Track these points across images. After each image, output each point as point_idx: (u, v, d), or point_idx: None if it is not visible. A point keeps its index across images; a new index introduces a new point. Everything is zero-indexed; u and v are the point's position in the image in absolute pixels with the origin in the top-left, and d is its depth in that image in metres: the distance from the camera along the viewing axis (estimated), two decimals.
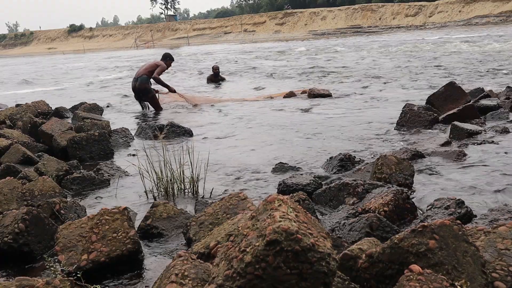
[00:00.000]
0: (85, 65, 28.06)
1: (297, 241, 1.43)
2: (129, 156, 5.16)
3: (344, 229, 2.51)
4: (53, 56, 51.30)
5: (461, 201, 2.71)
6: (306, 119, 6.85)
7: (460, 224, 1.70)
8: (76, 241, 2.39)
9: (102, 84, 15.06)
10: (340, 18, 63.03)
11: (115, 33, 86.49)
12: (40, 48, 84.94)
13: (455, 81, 6.72)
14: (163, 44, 65.21)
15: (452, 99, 6.18)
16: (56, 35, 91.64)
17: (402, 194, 2.84)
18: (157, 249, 2.72)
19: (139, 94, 8.43)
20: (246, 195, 2.83)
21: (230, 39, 63.00)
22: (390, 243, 1.71)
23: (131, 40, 73.23)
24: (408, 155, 4.12)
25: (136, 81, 8.31)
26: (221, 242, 2.17)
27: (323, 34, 54.58)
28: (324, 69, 14.73)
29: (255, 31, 67.36)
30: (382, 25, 56.78)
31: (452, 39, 25.43)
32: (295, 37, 54.65)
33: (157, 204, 3.02)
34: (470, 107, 5.70)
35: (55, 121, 5.90)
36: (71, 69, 24.59)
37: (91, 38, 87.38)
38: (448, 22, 51.61)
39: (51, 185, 3.53)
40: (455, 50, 18.05)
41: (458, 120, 5.27)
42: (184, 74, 17.03)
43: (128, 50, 57.41)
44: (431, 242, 1.64)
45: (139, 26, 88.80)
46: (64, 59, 39.71)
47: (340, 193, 3.19)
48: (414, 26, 52.94)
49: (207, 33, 73.15)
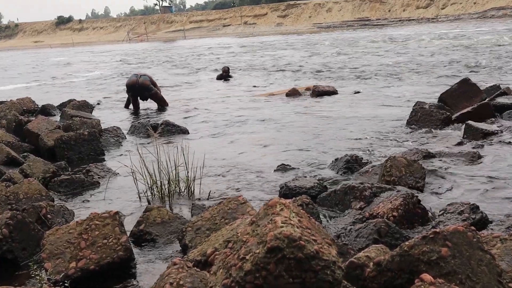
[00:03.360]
0: (70, 60, 28.10)
1: (300, 248, 1.43)
2: (121, 156, 5.16)
3: (350, 235, 2.51)
4: (39, 50, 51.34)
5: (475, 206, 2.71)
6: (310, 117, 6.85)
7: (474, 231, 1.70)
8: (63, 248, 2.39)
9: (92, 81, 15.07)
10: (347, 10, 63.05)
11: (106, 26, 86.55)
12: (26, 41, 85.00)
13: (469, 77, 6.72)
14: (158, 38, 65.24)
15: (466, 96, 6.17)
16: (43, 28, 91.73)
17: (413, 198, 2.84)
18: (150, 257, 2.72)
19: (140, 90, 8.48)
20: (245, 199, 2.83)
21: (229, 32, 63.04)
22: (399, 251, 1.70)
23: (123, 33, 73.27)
24: (419, 157, 4.12)
25: (139, 77, 8.40)
26: (218, 249, 2.17)
27: (329, 27, 54.59)
28: (327, 64, 14.75)
29: (255, 23, 67.39)
30: (392, 18, 56.80)
31: (466, 33, 25.44)
32: (298, 30, 54.66)
33: (150, 208, 3.02)
34: (485, 106, 5.70)
35: (42, 119, 5.90)
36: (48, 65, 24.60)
37: (81, 30, 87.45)
38: (462, 14, 51.63)
39: (37, 187, 3.53)
40: (469, 44, 18.06)
41: (472, 119, 5.26)
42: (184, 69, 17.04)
43: (121, 43, 57.43)
44: (444, 249, 1.64)
45: (132, 18, 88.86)
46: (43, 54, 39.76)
47: (346, 197, 3.19)
48: (426, 19, 52.95)
49: (204, 26, 73.20)
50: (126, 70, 17.71)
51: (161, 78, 14.18)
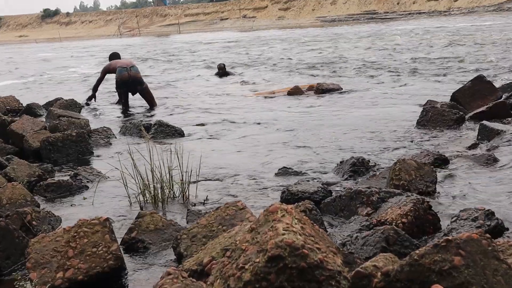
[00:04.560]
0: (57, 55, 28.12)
1: (303, 257, 1.43)
2: (111, 159, 5.16)
3: (356, 243, 2.51)
4: (24, 45, 51.37)
5: (490, 212, 2.71)
6: (313, 117, 6.85)
7: (489, 239, 1.70)
8: (50, 257, 2.39)
9: (80, 78, 15.07)
10: (353, 2, 63.07)
11: (96, 19, 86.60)
12: (9, 36, 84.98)
13: (483, 74, 6.72)
14: (151, 32, 65.27)
15: (480, 95, 6.18)
16: (27, 21, 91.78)
17: (423, 203, 2.84)
18: (143, 266, 2.72)
19: (133, 84, 8.25)
20: (244, 204, 2.84)
21: (227, 26, 63.08)
22: (409, 260, 1.70)
23: (114, 27, 73.29)
24: (430, 159, 4.12)
25: (129, 70, 8.18)
26: (216, 258, 2.17)
27: (333, 21, 54.64)
28: (331, 60, 14.76)
29: (255, 17, 67.42)
30: (401, 11, 56.83)
31: (480, 27, 25.47)
32: (301, 24, 54.72)
33: (143, 214, 3.02)
34: (501, 104, 5.70)
35: (27, 119, 5.90)
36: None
37: (68, 24, 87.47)
38: (476, 7, 51.64)
39: (22, 192, 3.53)
40: (484, 39, 18.08)
41: (487, 119, 5.27)
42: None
43: (111, 38, 57.48)
44: (456, 258, 1.64)
45: (123, 11, 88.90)
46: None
47: (352, 203, 3.19)
48: (437, 12, 52.98)
49: (200, 19, 73.24)
50: None
51: (154, 75, 14.21)
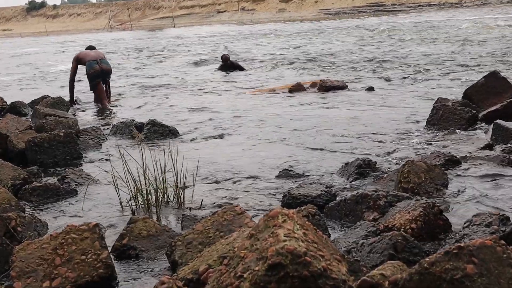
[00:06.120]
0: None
1: (306, 264, 1.43)
2: (101, 161, 5.16)
3: (362, 250, 2.51)
4: (8, 40, 51.40)
5: (505, 217, 2.71)
6: (317, 116, 6.85)
7: (504, 245, 1.70)
8: (36, 265, 2.39)
9: (67, 75, 15.05)
10: None
11: (85, 12, 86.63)
12: None
13: (498, 70, 6.73)
14: (143, 26, 65.31)
15: (494, 92, 6.18)
16: (12, 14, 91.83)
17: (433, 208, 2.84)
18: (135, 274, 2.72)
19: (103, 76, 8.69)
20: (243, 209, 2.84)
21: (225, 20, 63.12)
22: (418, 268, 1.71)
23: (104, 21, 73.31)
24: (440, 161, 4.12)
25: (100, 63, 8.58)
26: (213, 266, 2.17)
27: (337, 14, 54.70)
28: (335, 55, 14.78)
29: (254, 9, 67.45)
30: (409, 3, 56.89)
31: (494, 19, 25.51)
32: (303, 17, 54.76)
33: (135, 220, 3.02)
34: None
35: (11, 118, 5.89)
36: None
37: (55, 17, 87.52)
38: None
39: (6, 196, 3.53)
40: (499, 33, 18.10)
41: (502, 118, 5.26)
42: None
43: (101, 32, 57.49)
44: (469, 266, 1.64)
45: (114, 4, 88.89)
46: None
47: (358, 207, 3.19)
48: (449, 4, 53.08)
49: (196, 12, 73.28)
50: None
51: (148, 71, 14.22)
